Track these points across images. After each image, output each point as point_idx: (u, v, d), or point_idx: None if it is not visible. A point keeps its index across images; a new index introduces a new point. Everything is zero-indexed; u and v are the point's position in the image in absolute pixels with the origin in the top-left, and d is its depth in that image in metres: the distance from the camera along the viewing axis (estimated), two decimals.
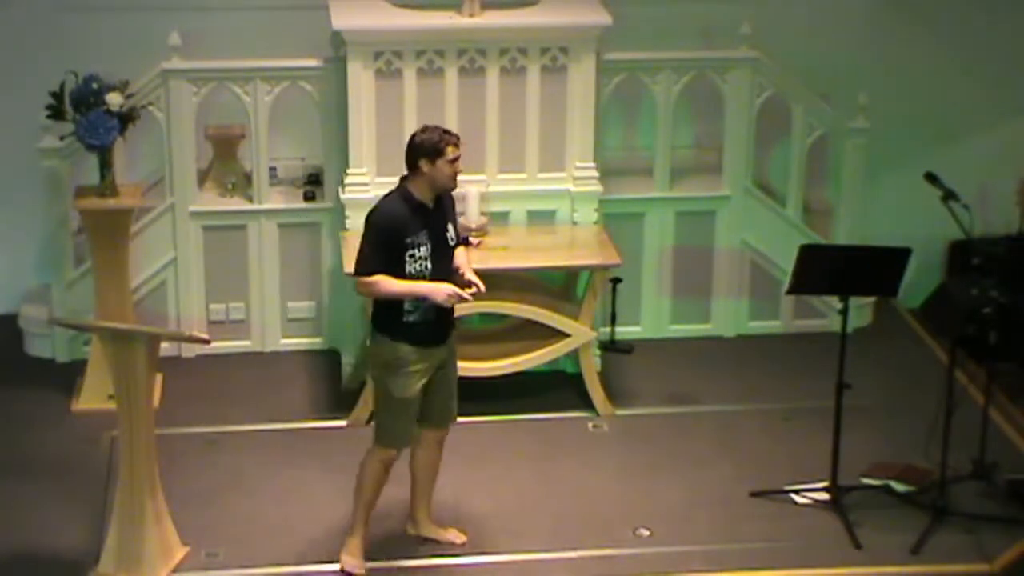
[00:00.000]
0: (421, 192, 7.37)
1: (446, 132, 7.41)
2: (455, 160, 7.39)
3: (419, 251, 7.34)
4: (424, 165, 7.33)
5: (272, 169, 9.76)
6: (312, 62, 9.42)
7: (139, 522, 7.54)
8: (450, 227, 7.50)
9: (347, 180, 9.28)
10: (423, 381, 7.49)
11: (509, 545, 7.91)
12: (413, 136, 7.40)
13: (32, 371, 9.59)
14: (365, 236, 7.40)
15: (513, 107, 9.28)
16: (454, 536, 7.92)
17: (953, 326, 8.21)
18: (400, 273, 7.34)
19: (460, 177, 9.26)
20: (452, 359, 7.66)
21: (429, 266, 7.36)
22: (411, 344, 7.41)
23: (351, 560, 7.70)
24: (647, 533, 8.06)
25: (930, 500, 8.16)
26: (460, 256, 7.58)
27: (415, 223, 7.33)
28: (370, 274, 7.35)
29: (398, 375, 7.43)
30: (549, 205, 9.43)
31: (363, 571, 7.68)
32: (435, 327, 7.45)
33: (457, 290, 7.34)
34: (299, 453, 8.72)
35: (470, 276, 7.47)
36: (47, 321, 9.46)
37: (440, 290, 7.31)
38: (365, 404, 8.96)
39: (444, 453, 7.81)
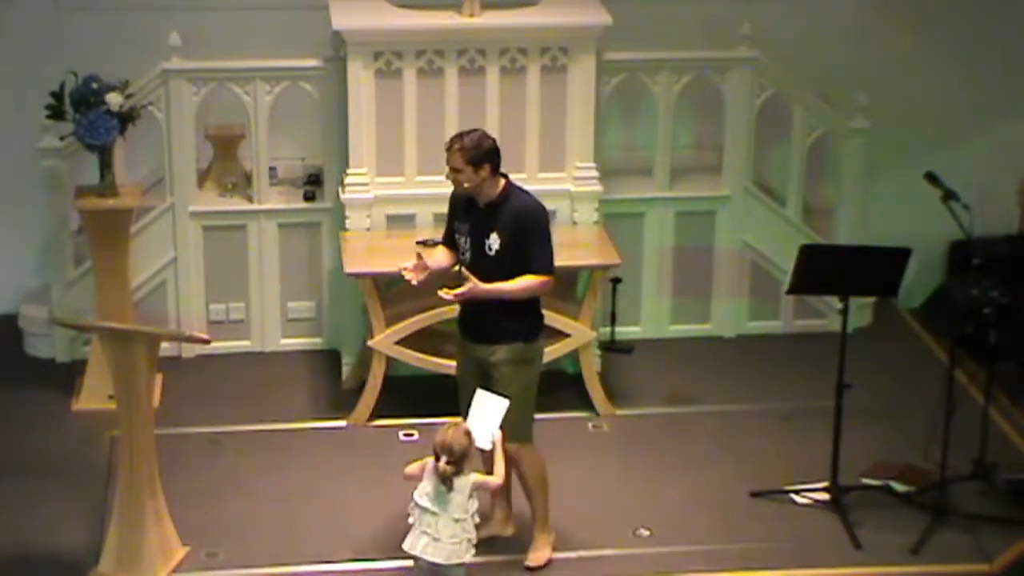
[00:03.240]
0: None
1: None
2: (449, 167, 7.49)
3: (461, 240, 7.55)
4: None
5: (272, 169, 9.76)
6: (312, 62, 9.42)
7: (139, 522, 7.54)
8: (493, 236, 7.43)
9: (347, 180, 9.28)
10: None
11: (509, 545, 7.90)
12: None
13: (32, 371, 9.58)
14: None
15: (513, 107, 9.28)
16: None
17: (953, 326, 8.21)
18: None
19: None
20: (487, 371, 7.57)
21: (467, 258, 7.51)
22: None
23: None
24: (647, 533, 8.06)
25: (930, 500, 8.16)
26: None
27: (464, 211, 7.52)
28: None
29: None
30: (549, 205, 9.34)
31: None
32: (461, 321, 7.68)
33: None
34: (299, 453, 8.71)
35: (466, 277, 7.44)
36: (47, 321, 9.46)
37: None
38: (365, 404, 8.96)
39: None
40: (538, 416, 7.63)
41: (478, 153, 7.38)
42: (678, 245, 9.92)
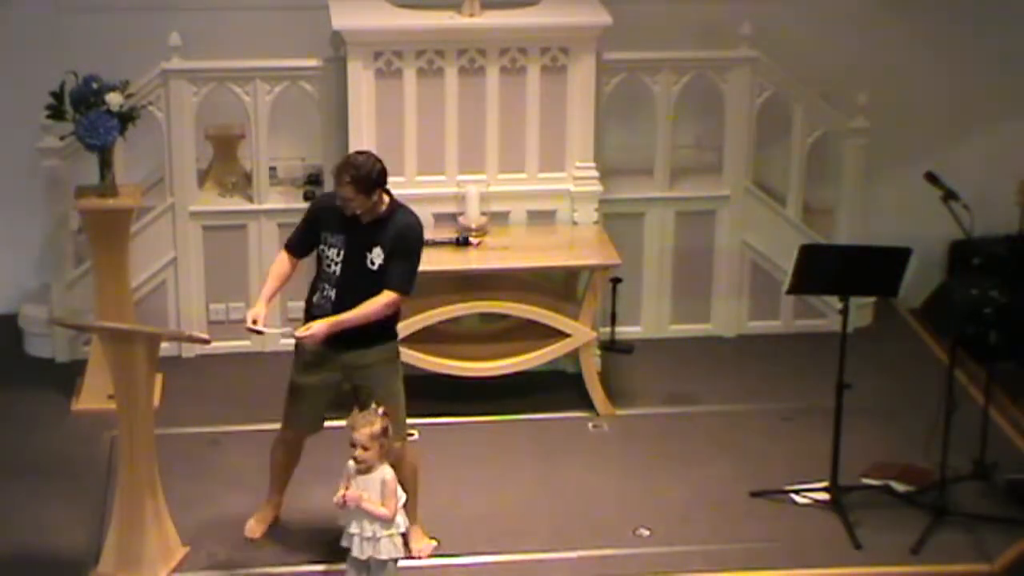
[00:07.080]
0: None
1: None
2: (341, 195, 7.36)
3: (332, 252, 7.41)
4: None
5: (272, 169, 9.77)
6: (312, 62, 9.42)
7: (139, 522, 7.54)
8: (376, 250, 7.36)
9: None
10: None
11: (509, 545, 7.91)
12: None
13: (32, 371, 9.59)
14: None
15: (513, 107, 9.28)
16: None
17: (953, 326, 8.21)
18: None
19: (460, 177, 9.36)
20: (357, 375, 7.65)
21: (338, 272, 7.39)
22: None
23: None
24: (647, 533, 8.06)
25: (930, 500, 8.16)
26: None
27: (338, 224, 7.37)
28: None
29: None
30: (549, 205, 9.43)
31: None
32: None
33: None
34: None
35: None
36: (47, 321, 9.46)
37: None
38: None
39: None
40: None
41: (369, 181, 7.28)
42: (678, 245, 9.92)
